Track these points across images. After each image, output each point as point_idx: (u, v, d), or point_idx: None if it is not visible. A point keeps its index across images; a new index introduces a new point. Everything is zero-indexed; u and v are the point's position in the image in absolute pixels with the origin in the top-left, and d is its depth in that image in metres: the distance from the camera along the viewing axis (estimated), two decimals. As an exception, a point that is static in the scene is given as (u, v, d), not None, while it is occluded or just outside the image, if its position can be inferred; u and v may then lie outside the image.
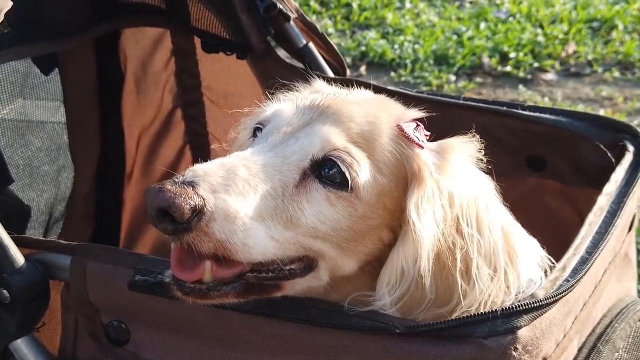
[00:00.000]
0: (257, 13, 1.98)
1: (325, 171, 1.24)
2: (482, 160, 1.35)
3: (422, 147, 1.30)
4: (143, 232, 2.41)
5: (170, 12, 2.14)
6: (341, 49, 5.23)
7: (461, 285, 1.24)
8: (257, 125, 1.36)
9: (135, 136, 2.31)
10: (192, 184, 1.12)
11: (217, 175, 1.15)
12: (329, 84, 1.56)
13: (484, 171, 1.37)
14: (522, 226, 1.37)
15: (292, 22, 2.01)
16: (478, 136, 1.36)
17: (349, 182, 1.24)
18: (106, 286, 1.32)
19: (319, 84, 1.53)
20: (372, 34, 5.43)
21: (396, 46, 5.23)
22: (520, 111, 1.77)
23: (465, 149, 1.34)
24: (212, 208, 1.12)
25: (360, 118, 1.30)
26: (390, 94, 1.61)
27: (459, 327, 1.12)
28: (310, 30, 2.03)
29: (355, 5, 5.89)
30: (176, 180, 1.12)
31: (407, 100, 1.47)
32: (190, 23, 2.11)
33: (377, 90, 1.54)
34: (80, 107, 2.16)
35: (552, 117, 1.73)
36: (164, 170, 2.32)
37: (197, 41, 2.19)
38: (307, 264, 1.27)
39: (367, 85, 1.58)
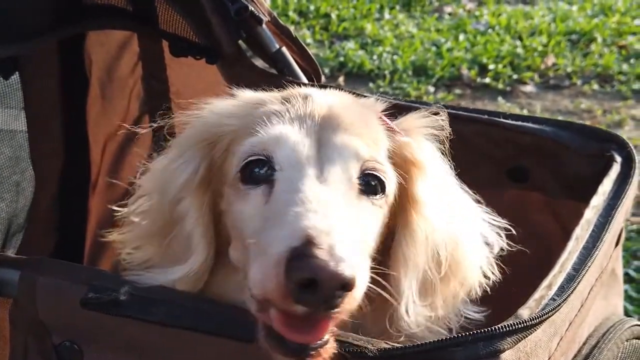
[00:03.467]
0: (227, 16, 1.89)
1: (367, 184, 1.20)
2: (442, 130, 1.33)
3: (402, 135, 1.28)
4: (109, 245, 2.30)
5: (137, 14, 2.04)
6: (319, 59, 5.17)
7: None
8: (258, 157, 1.20)
9: (101, 144, 2.21)
10: (341, 257, 0.98)
11: (345, 238, 1.02)
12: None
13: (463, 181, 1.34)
14: (506, 239, 1.32)
15: (264, 26, 1.92)
16: (457, 145, 1.33)
17: (386, 189, 1.21)
18: (58, 304, 1.23)
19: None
20: (350, 44, 5.39)
21: (375, 57, 5.18)
22: (502, 120, 1.69)
23: (425, 130, 1.32)
24: (357, 283, 1.01)
25: (358, 121, 1.25)
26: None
27: (436, 350, 1.04)
28: (284, 34, 1.95)
29: (334, 16, 5.83)
30: (323, 247, 0.98)
31: (387, 108, 1.40)
32: (158, 26, 2.01)
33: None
34: (42, 113, 2.06)
35: (536, 126, 1.66)
36: (131, 180, 2.22)
37: (166, 45, 2.09)
38: None
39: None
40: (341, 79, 4.97)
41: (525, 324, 1.07)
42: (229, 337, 1.14)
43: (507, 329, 1.05)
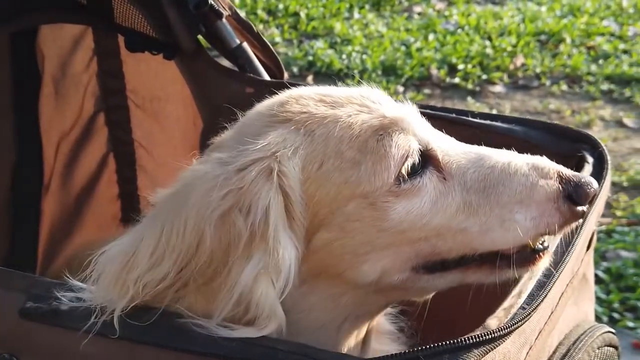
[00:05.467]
0: (186, 9, 1.80)
1: None
2: None
3: None
4: (63, 247, 2.21)
5: (91, 7, 1.96)
6: (288, 58, 5.11)
7: None
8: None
9: (54, 143, 2.11)
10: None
11: None
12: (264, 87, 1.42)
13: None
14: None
15: (224, 20, 1.84)
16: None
17: None
18: (-7, 314, 1.14)
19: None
20: (319, 43, 5.32)
21: (344, 56, 5.12)
22: (470, 118, 1.63)
23: None
24: None
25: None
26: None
27: (399, 363, 0.97)
28: (245, 29, 1.87)
29: (303, 15, 5.77)
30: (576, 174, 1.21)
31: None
32: (113, 19, 1.93)
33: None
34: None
35: (505, 125, 1.60)
36: (85, 180, 2.14)
37: (122, 40, 2.01)
38: None
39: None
40: (310, 78, 4.90)
41: (493, 335, 1.01)
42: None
43: (474, 340, 0.99)
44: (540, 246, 1.20)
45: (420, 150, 1.18)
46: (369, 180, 1.14)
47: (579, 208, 1.19)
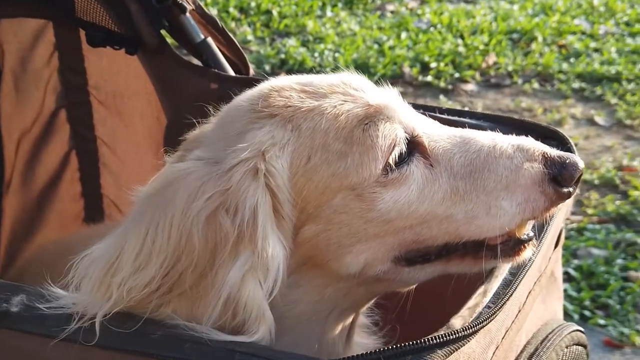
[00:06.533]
0: (148, 3, 1.77)
1: None
2: None
3: None
4: (25, 246, 2.16)
5: (52, 1, 1.91)
6: (260, 56, 5.07)
7: None
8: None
9: (15, 140, 2.06)
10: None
11: None
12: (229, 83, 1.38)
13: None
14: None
15: (188, 15, 1.80)
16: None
17: None
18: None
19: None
20: (292, 41, 5.28)
21: (316, 54, 5.09)
22: (438, 114, 1.60)
23: None
24: None
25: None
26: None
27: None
28: (210, 24, 1.83)
29: (275, 13, 5.73)
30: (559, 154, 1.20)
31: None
32: (74, 13, 1.88)
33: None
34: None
35: (473, 121, 1.57)
36: (47, 178, 2.08)
37: (83, 34, 1.95)
38: None
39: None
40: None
41: (457, 335, 0.98)
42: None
43: (438, 340, 0.96)
44: (525, 236, 1.20)
45: (407, 138, 1.17)
46: (356, 171, 1.13)
47: (565, 189, 1.18)
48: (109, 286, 1.07)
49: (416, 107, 1.64)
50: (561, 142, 1.48)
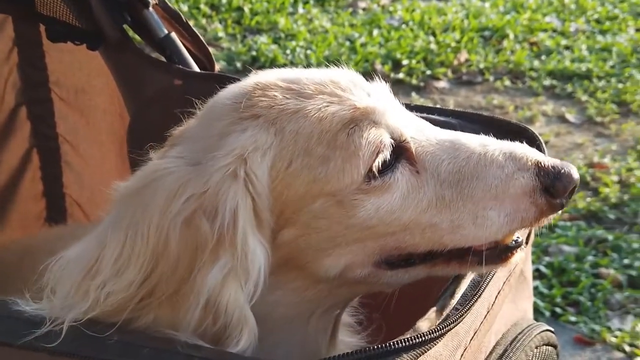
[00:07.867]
0: (110, -3, 1.72)
1: None
2: None
3: None
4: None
5: (11, -6, 1.86)
6: (232, 53, 5.02)
7: None
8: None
9: (-27, 138, 2.01)
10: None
11: None
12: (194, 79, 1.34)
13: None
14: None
15: (151, 9, 1.76)
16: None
17: None
18: None
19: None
20: (263, 38, 5.24)
21: (288, 51, 5.05)
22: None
23: None
24: None
25: None
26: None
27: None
28: (173, 18, 1.79)
29: (246, 9, 5.68)
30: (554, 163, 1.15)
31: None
32: (34, 7, 1.83)
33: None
34: None
35: (441, 118, 1.55)
36: (7, 177, 2.03)
37: (44, 30, 1.91)
38: None
39: (235, 80, 1.36)
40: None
41: (424, 338, 0.95)
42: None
43: (404, 344, 0.93)
44: (513, 243, 1.17)
45: (392, 144, 1.13)
46: (337, 178, 1.09)
47: (558, 201, 1.14)
48: (87, 290, 1.04)
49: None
50: (531, 140, 1.46)
